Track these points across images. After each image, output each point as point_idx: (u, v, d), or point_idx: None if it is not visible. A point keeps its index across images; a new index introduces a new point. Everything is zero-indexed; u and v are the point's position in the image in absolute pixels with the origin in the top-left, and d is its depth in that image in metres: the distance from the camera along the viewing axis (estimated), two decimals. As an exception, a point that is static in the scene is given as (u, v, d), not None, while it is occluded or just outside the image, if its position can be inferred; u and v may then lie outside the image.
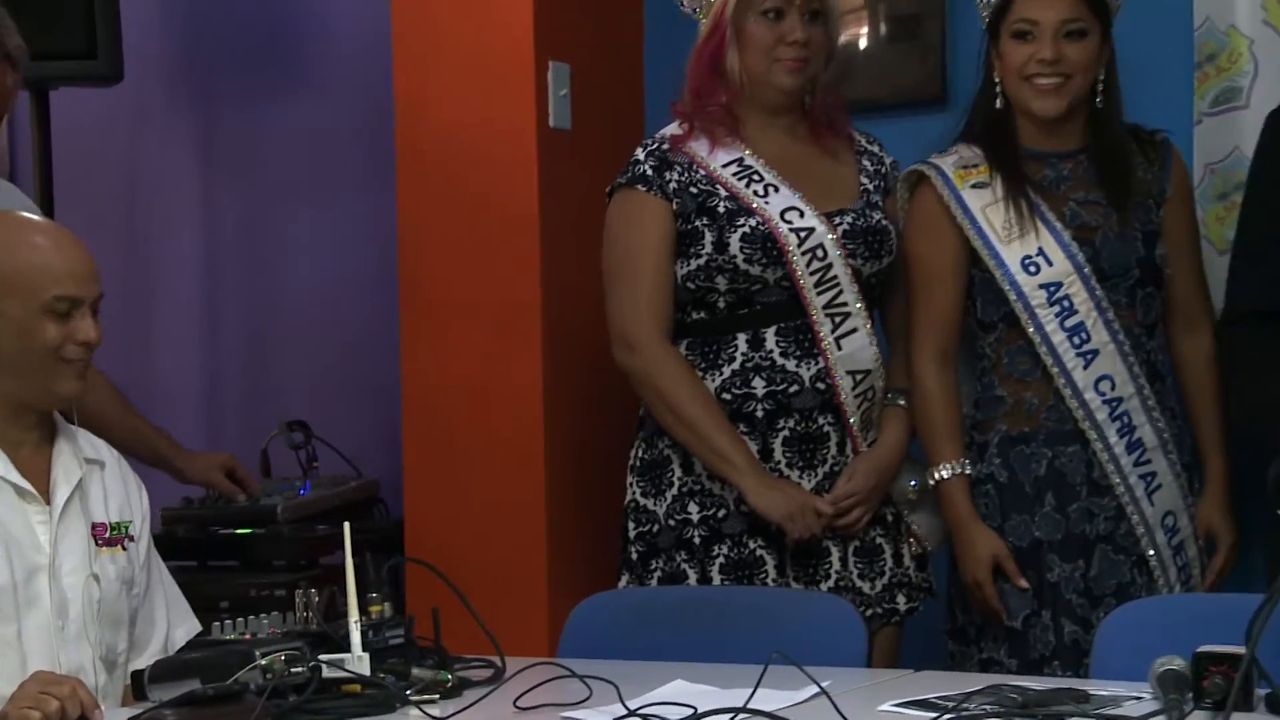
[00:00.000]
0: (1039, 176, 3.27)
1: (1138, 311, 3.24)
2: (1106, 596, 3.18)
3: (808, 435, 3.27)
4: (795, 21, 3.26)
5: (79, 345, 2.59)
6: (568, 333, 3.71)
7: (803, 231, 3.25)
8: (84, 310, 2.59)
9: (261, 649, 2.35)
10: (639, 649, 2.86)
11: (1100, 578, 3.20)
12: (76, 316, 2.58)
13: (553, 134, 3.73)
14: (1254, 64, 3.51)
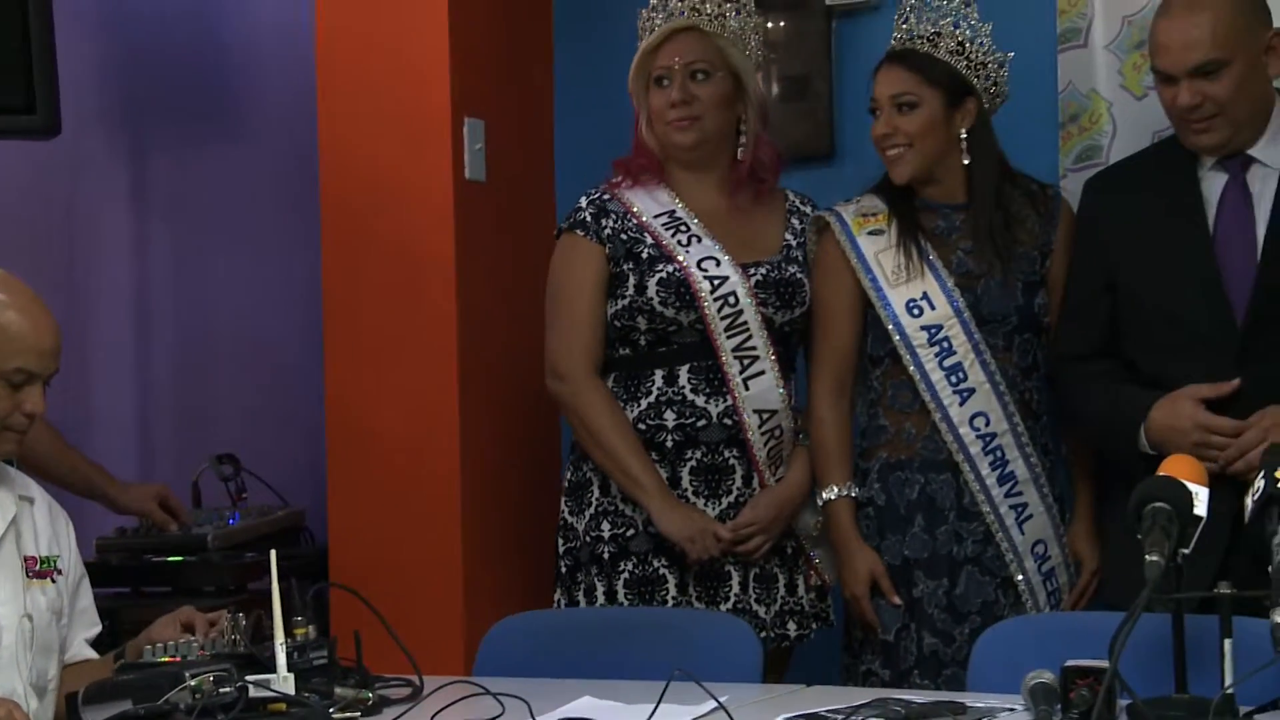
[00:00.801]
0: (932, 226, 3.31)
1: (1014, 354, 3.29)
2: (971, 614, 3.23)
3: (714, 466, 3.32)
4: (676, 84, 3.30)
5: (25, 416, 2.56)
6: (483, 370, 3.71)
7: (716, 279, 3.29)
8: (37, 383, 2.56)
9: (191, 670, 2.34)
10: (550, 667, 2.86)
11: (965, 596, 3.24)
12: (28, 388, 2.55)
13: (468, 185, 3.73)
14: (1113, 124, 3.58)
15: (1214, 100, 3.04)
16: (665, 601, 3.28)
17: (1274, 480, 2.24)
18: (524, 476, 3.54)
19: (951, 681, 3.15)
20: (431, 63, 3.68)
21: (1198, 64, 3.03)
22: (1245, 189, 3.11)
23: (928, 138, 3.26)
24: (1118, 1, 3.55)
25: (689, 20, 3.33)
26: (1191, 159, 3.14)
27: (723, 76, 3.34)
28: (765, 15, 3.87)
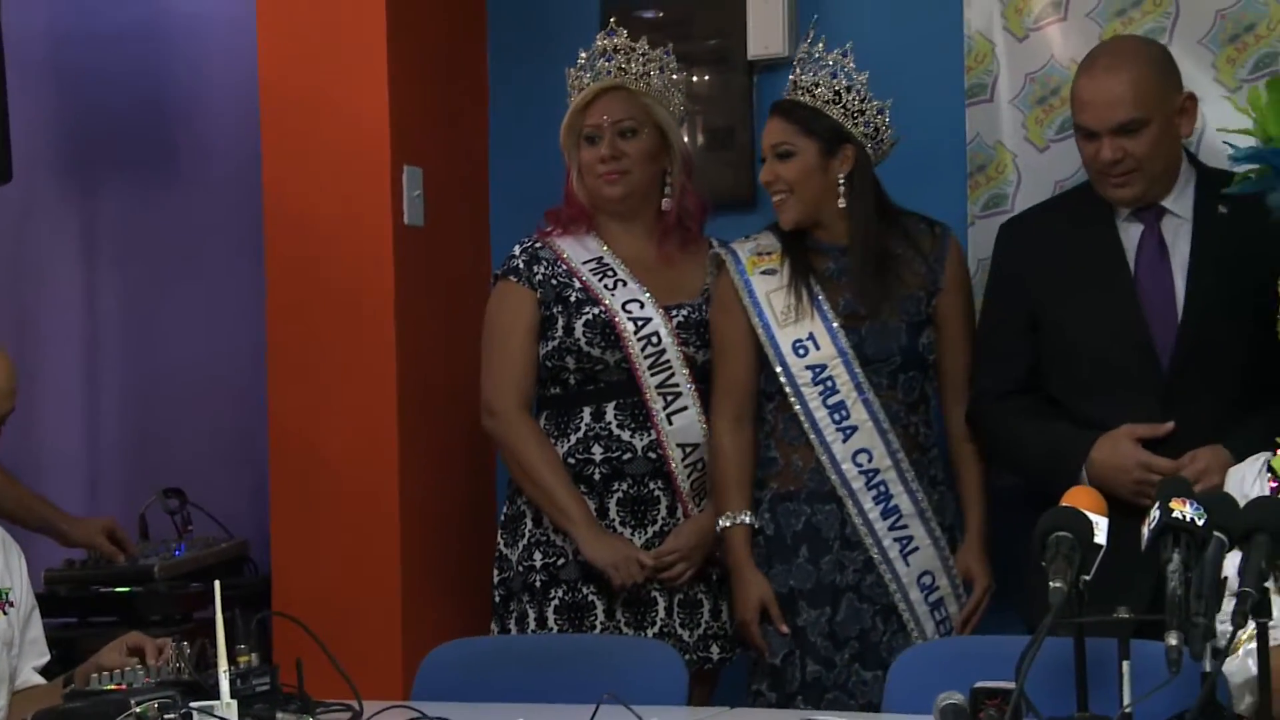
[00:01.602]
0: (822, 268, 3.32)
1: (899, 392, 3.30)
2: (850, 640, 3.24)
3: (639, 498, 3.32)
4: (606, 141, 3.33)
5: None
6: (421, 407, 3.70)
7: (640, 320, 3.31)
8: None
9: (136, 698, 2.32)
10: (485, 692, 2.85)
11: (845, 622, 3.24)
12: None
13: (407, 230, 3.73)
14: (1017, 174, 3.61)
15: (1134, 156, 3.08)
16: (594, 627, 3.28)
17: (1168, 510, 2.26)
18: (460, 510, 3.54)
19: (833, 705, 3.16)
20: (371, 114, 3.69)
21: (1121, 122, 3.07)
22: (1160, 238, 3.15)
23: (805, 184, 3.28)
24: (1021, 59, 3.59)
25: (616, 80, 3.36)
26: (1108, 209, 3.18)
27: (649, 132, 3.37)
28: (690, 69, 3.91)
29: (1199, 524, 2.24)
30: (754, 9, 3.81)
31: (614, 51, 3.37)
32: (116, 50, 4.53)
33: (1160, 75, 3.12)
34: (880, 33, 3.53)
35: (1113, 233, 3.17)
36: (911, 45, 3.62)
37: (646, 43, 3.41)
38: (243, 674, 2.46)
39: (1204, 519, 2.25)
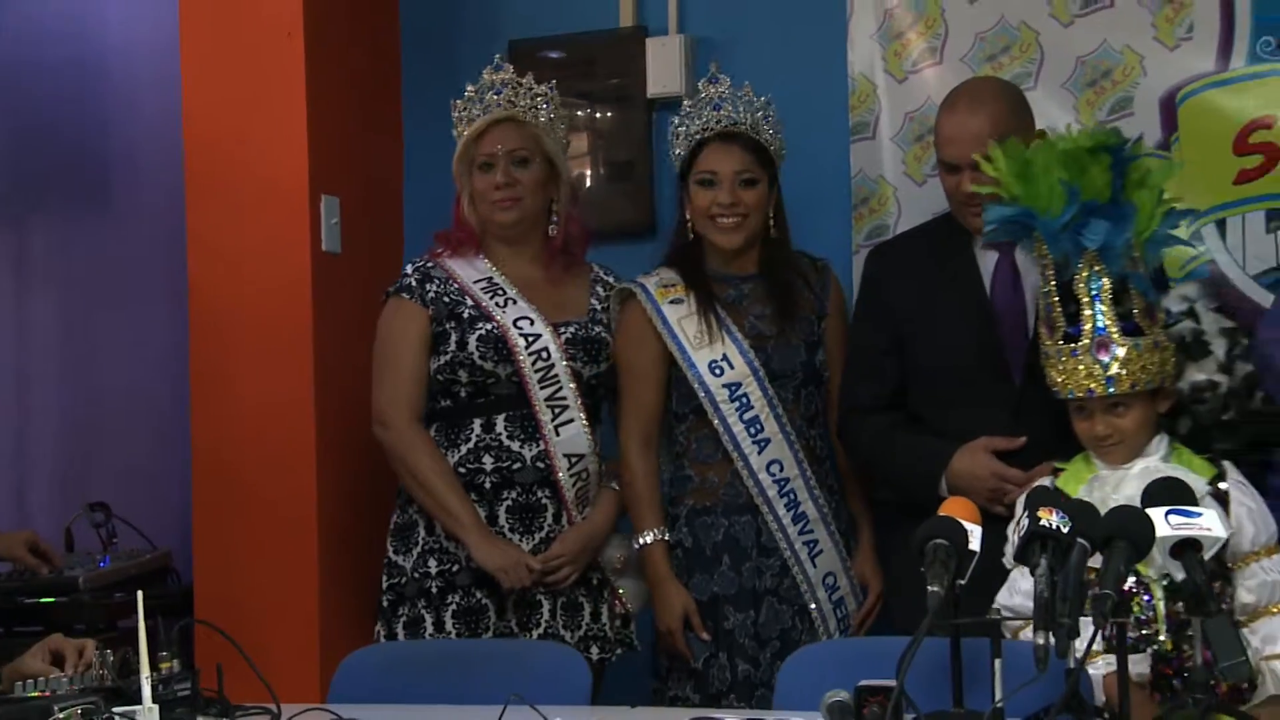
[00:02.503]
0: (725, 295, 3.35)
1: (801, 406, 3.33)
2: (772, 639, 3.27)
3: (528, 505, 3.31)
4: (501, 169, 3.33)
5: None
6: (338, 423, 3.66)
7: (531, 336, 3.30)
8: None
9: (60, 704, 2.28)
10: (399, 694, 2.83)
11: (767, 624, 3.27)
12: None
13: (324, 256, 3.70)
14: (898, 206, 3.65)
15: None
16: (488, 629, 3.27)
17: (1036, 518, 2.29)
18: (373, 520, 3.50)
19: (762, 701, 3.18)
20: (290, 146, 3.66)
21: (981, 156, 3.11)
22: (1014, 265, 3.19)
23: (759, 212, 3.32)
24: (900, 100, 3.63)
25: (507, 112, 3.35)
26: (967, 237, 3.22)
27: (539, 162, 3.37)
28: (593, 107, 3.92)
29: (1064, 531, 2.27)
30: (653, 51, 3.84)
31: (502, 85, 3.36)
32: (45, 84, 4.46)
33: (1015, 114, 3.18)
34: (771, 75, 3.55)
35: (971, 259, 3.22)
36: (799, 87, 3.64)
37: (532, 78, 3.41)
38: (164, 680, 2.44)
39: (1068, 527, 2.28)
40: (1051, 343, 2.88)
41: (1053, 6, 3.52)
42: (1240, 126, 3.37)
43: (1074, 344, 2.84)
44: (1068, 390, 2.85)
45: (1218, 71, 3.40)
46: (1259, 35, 3.36)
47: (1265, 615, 2.74)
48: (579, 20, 3.94)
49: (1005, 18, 3.56)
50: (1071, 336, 2.84)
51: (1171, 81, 3.43)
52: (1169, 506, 2.34)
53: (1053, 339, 2.88)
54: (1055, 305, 2.88)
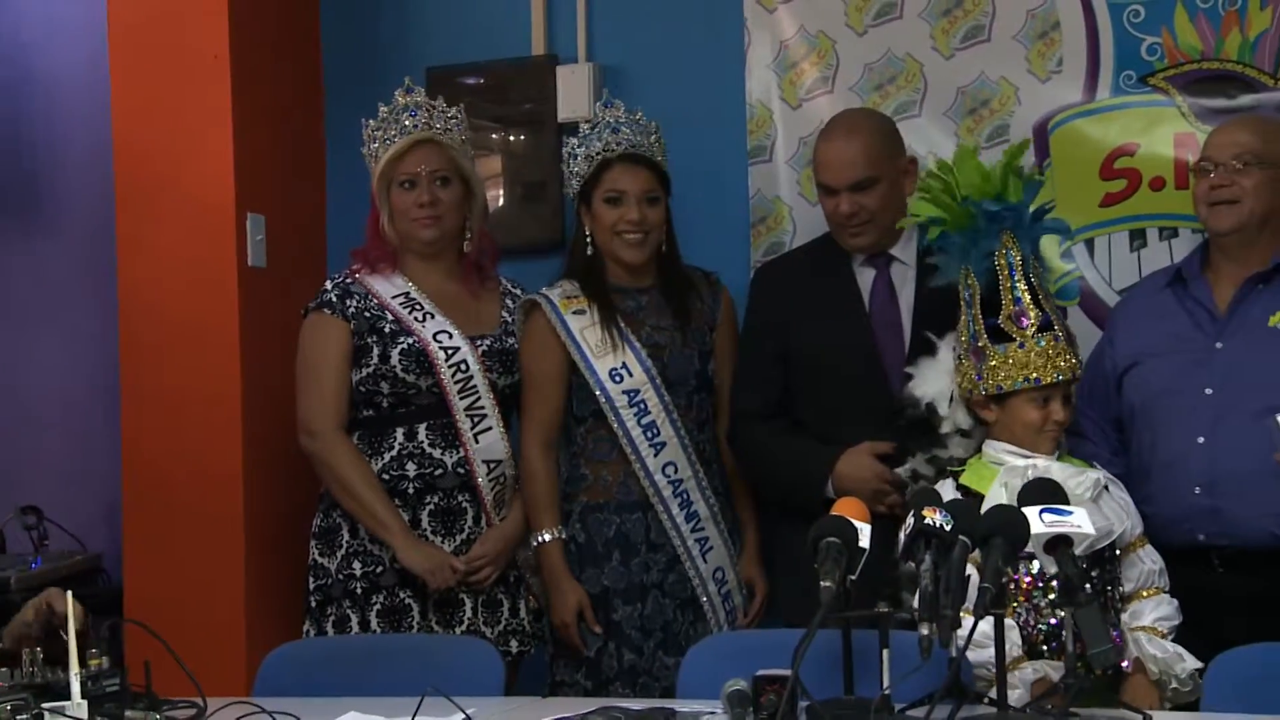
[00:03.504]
0: (624, 306, 3.35)
1: (694, 412, 3.35)
2: (656, 631, 3.28)
3: (449, 509, 3.29)
4: (423, 188, 3.30)
5: None
6: (263, 428, 3.62)
7: (450, 349, 3.27)
8: None
9: (-10, 700, 2.20)
10: (322, 688, 2.78)
11: (652, 616, 3.29)
12: None
13: (251, 271, 3.67)
14: (793, 225, 3.67)
15: (867, 209, 3.17)
16: (411, 627, 3.25)
17: (921, 518, 2.31)
18: (298, 523, 3.46)
19: (645, 689, 3.21)
20: (217, 166, 3.62)
21: (855, 180, 3.16)
22: (890, 282, 3.24)
23: (660, 229, 3.33)
24: (795, 125, 3.65)
25: (427, 133, 3.32)
26: (846, 256, 3.26)
27: (457, 182, 3.35)
28: (507, 130, 3.90)
29: (947, 529, 2.29)
30: (562, 78, 3.83)
31: (416, 107, 3.34)
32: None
33: (887, 141, 3.23)
34: (675, 101, 3.56)
35: (850, 276, 3.26)
36: (701, 112, 3.66)
37: (444, 101, 3.40)
38: (93, 676, 2.39)
39: (951, 525, 2.30)
40: (994, 351, 2.83)
41: (935, 40, 3.56)
42: (1106, 153, 3.43)
43: (1020, 336, 2.80)
44: (1034, 379, 2.78)
45: (1085, 102, 3.45)
46: (1121, 70, 3.42)
47: (1136, 599, 2.79)
48: (493, 49, 3.93)
49: (891, 50, 3.59)
50: (1005, 335, 2.81)
51: (1044, 111, 3.48)
52: (1043, 505, 2.38)
53: (994, 347, 2.83)
54: (979, 321, 2.86)
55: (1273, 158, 2.99)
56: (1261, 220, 3.01)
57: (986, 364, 2.83)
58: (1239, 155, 2.99)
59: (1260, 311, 3.00)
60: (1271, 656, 2.48)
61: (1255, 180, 2.98)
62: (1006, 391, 2.81)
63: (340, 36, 4.03)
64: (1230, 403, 2.95)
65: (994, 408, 2.84)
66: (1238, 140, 3.02)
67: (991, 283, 2.87)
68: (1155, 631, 2.73)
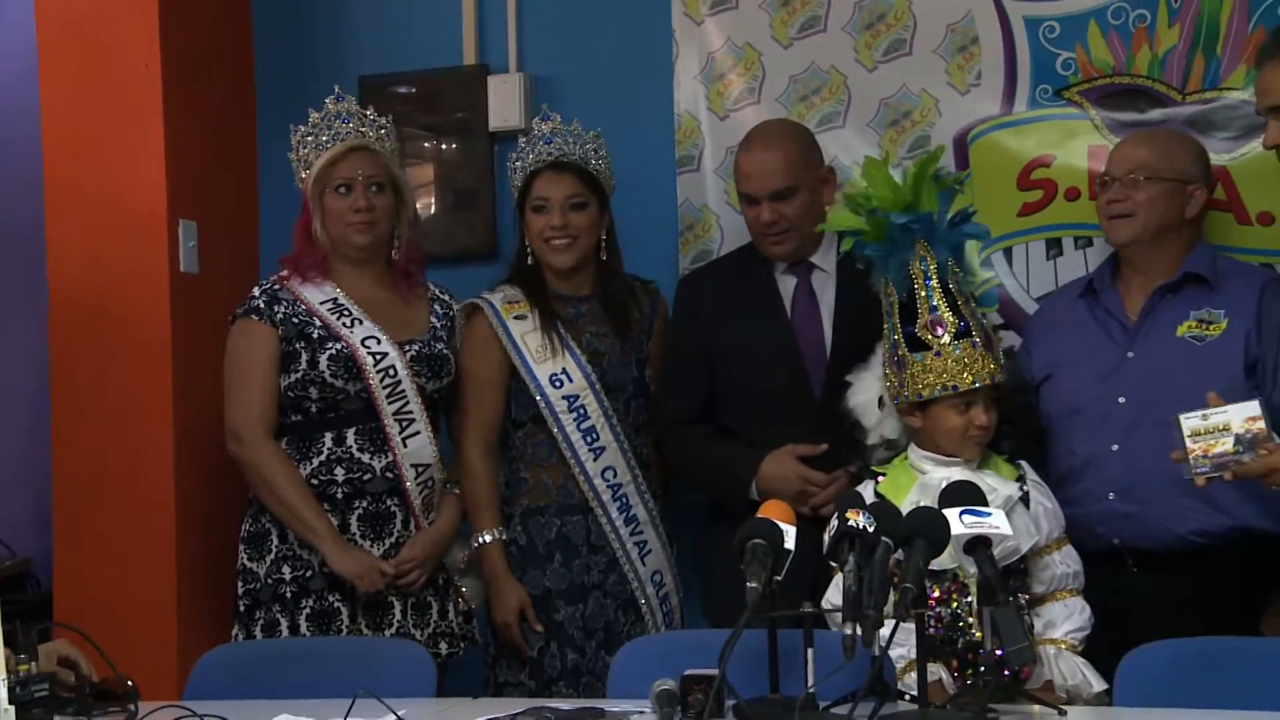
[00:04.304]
0: (564, 313, 3.36)
1: (632, 417, 3.36)
2: (598, 631, 3.30)
3: (378, 513, 3.27)
4: (359, 193, 3.28)
5: None
6: (195, 433, 3.58)
7: (378, 355, 3.26)
8: None
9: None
10: (253, 691, 2.77)
11: (593, 616, 3.30)
12: None
13: (183, 277, 3.63)
14: (720, 233, 3.68)
15: (787, 218, 3.21)
16: (340, 631, 3.23)
17: (845, 519, 2.32)
18: (229, 528, 3.42)
19: (588, 688, 3.21)
20: (149, 173, 3.59)
21: (775, 189, 3.20)
22: (811, 289, 3.28)
23: (589, 234, 3.33)
24: (722, 135, 3.66)
25: (361, 141, 3.31)
26: (768, 264, 3.29)
27: (389, 190, 3.34)
28: (439, 139, 3.89)
29: (870, 531, 2.31)
30: (494, 88, 3.82)
31: (348, 115, 3.33)
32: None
33: (806, 151, 3.27)
34: (604, 111, 3.56)
35: (772, 284, 3.29)
36: (630, 122, 3.66)
37: (374, 110, 3.39)
38: (22, 681, 2.35)
39: (874, 526, 2.32)
40: (912, 359, 2.85)
41: (858, 53, 3.59)
42: (1023, 164, 3.47)
43: (936, 345, 2.83)
44: (951, 385, 2.80)
45: (1003, 115, 3.49)
46: (1037, 83, 3.47)
47: (1050, 601, 2.82)
48: (425, 58, 3.91)
49: (816, 62, 3.61)
50: (922, 343, 2.84)
51: (963, 122, 3.52)
52: (963, 507, 2.41)
53: (911, 356, 2.85)
54: (898, 330, 2.88)
55: (1166, 172, 3.07)
56: (1156, 232, 3.08)
57: (907, 372, 2.85)
58: (1133, 170, 3.08)
59: (1169, 321, 3.06)
60: (1180, 653, 2.53)
61: (1149, 194, 3.06)
62: (927, 399, 2.84)
63: (273, 44, 4.00)
64: (1142, 410, 3.01)
65: (919, 415, 2.87)
66: (1132, 156, 3.10)
67: (908, 291, 2.89)
68: (1067, 645, 2.76)
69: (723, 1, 3.69)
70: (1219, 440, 2.66)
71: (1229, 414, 2.67)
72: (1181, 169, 3.08)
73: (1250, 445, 2.64)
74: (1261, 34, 3.22)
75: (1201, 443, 2.67)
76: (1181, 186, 3.07)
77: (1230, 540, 2.95)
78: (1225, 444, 2.65)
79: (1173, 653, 2.53)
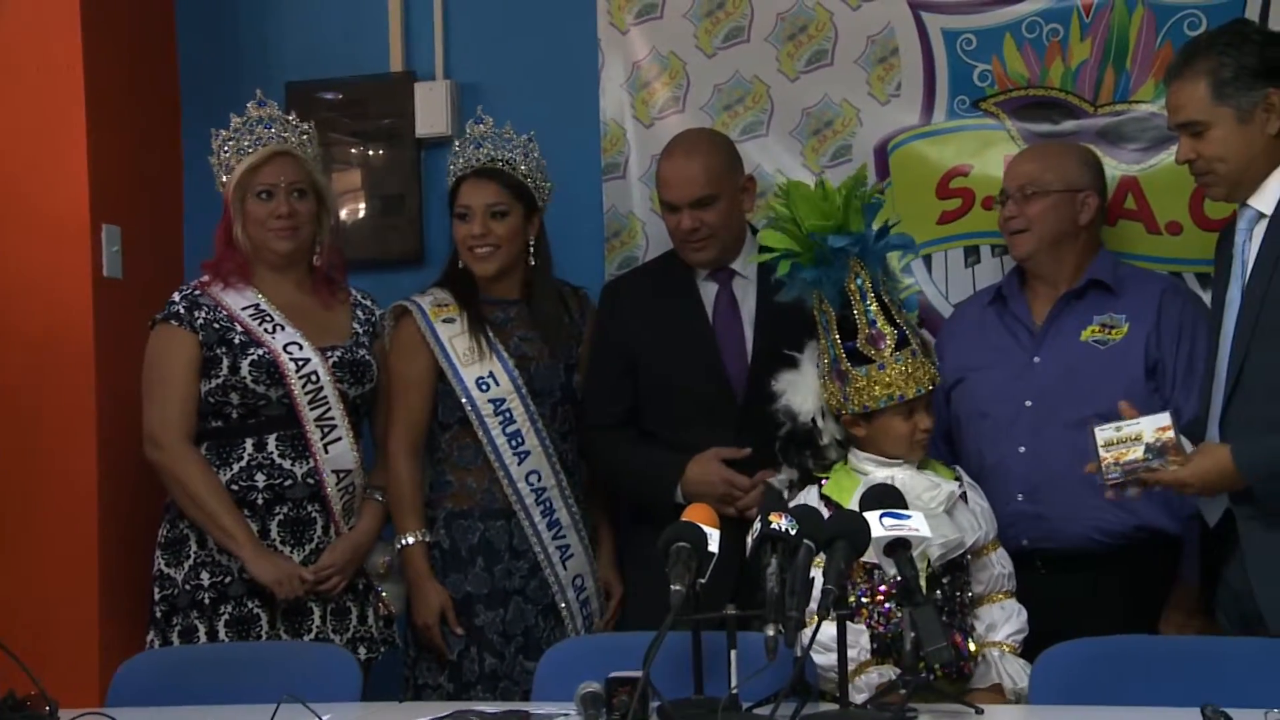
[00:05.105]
0: (493, 317, 3.35)
1: (558, 422, 3.35)
2: (517, 636, 3.29)
3: (298, 519, 3.24)
4: (282, 199, 3.25)
5: None
6: (118, 438, 3.52)
7: (300, 361, 3.23)
8: None
9: None
10: (177, 697, 2.74)
11: (513, 622, 3.29)
12: None
13: (106, 282, 3.58)
14: (645, 239, 3.69)
15: (708, 225, 3.22)
16: (260, 636, 3.19)
17: (768, 522, 2.33)
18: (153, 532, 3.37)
19: (506, 693, 3.20)
20: (72, 178, 3.53)
21: (696, 197, 3.21)
22: (732, 295, 3.29)
23: (513, 241, 3.32)
24: (647, 143, 3.67)
25: (283, 146, 3.28)
26: (689, 271, 3.30)
27: (312, 196, 3.31)
28: (366, 145, 3.87)
29: (792, 534, 2.32)
30: (421, 95, 3.81)
31: (270, 120, 3.30)
32: None
33: (726, 160, 3.29)
34: (530, 119, 3.54)
35: (694, 290, 3.30)
36: (557, 129, 3.65)
37: (296, 116, 3.36)
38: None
39: (796, 529, 2.33)
40: (855, 373, 2.84)
41: (781, 63, 3.61)
42: (942, 173, 3.51)
43: (879, 358, 2.83)
44: (898, 395, 2.81)
45: (922, 125, 3.53)
46: (956, 94, 3.51)
47: (988, 602, 2.85)
48: (352, 65, 3.89)
49: (740, 72, 3.63)
50: (865, 357, 2.84)
51: (884, 132, 3.55)
52: (883, 510, 2.42)
53: (855, 370, 2.84)
54: (838, 345, 2.88)
55: (1055, 184, 3.13)
56: (1053, 242, 3.14)
57: (851, 385, 2.86)
58: (1023, 186, 3.15)
59: (1073, 326, 3.12)
60: (1091, 651, 2.57)
61: (1039, 208, 3.12)
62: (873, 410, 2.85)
63: (198, 49, 3.96)
64: (1048, 413, 3.06)
65: (863, 424, 2.87)
66: (1022, 171, 3.18)
67: (845, 306, 2.91)
68: (1009, 647, 2.79)
69: (648, 11, 3.70)
70: (1130, 449, 2.71)
71: (1141, 425, 2.73)
72: (1069, 179, 3.14)
73: (1160, 453, 2.69)
74: (1169, 50, 3.28)
75: (1113, 451, 2.72)
76: (1072, 196, 3.14)
77: (1134, 540, 3.02)
78: (1136, 452, 2.70)
79: (1085, 651, 2.56)
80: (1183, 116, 2.81)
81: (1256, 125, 2.75)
